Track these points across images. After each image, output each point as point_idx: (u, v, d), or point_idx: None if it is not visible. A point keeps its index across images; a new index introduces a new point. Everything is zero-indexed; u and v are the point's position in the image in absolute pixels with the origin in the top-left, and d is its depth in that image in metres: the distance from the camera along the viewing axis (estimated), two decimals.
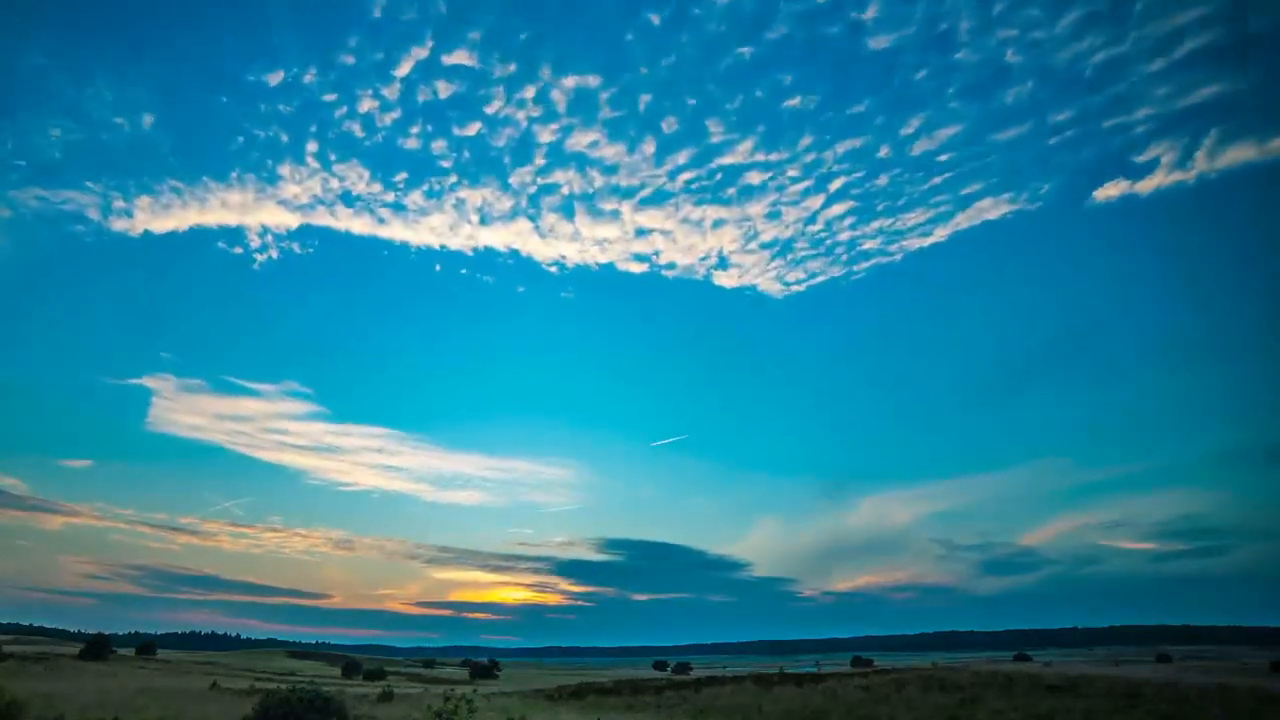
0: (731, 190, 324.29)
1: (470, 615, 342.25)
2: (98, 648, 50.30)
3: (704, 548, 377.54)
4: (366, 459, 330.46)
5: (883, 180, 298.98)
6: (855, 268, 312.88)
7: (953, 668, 38.96)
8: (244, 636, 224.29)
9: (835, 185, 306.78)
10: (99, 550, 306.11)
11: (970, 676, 31.25)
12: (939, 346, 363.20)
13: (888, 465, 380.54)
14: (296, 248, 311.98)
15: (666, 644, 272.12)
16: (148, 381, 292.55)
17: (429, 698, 26.64)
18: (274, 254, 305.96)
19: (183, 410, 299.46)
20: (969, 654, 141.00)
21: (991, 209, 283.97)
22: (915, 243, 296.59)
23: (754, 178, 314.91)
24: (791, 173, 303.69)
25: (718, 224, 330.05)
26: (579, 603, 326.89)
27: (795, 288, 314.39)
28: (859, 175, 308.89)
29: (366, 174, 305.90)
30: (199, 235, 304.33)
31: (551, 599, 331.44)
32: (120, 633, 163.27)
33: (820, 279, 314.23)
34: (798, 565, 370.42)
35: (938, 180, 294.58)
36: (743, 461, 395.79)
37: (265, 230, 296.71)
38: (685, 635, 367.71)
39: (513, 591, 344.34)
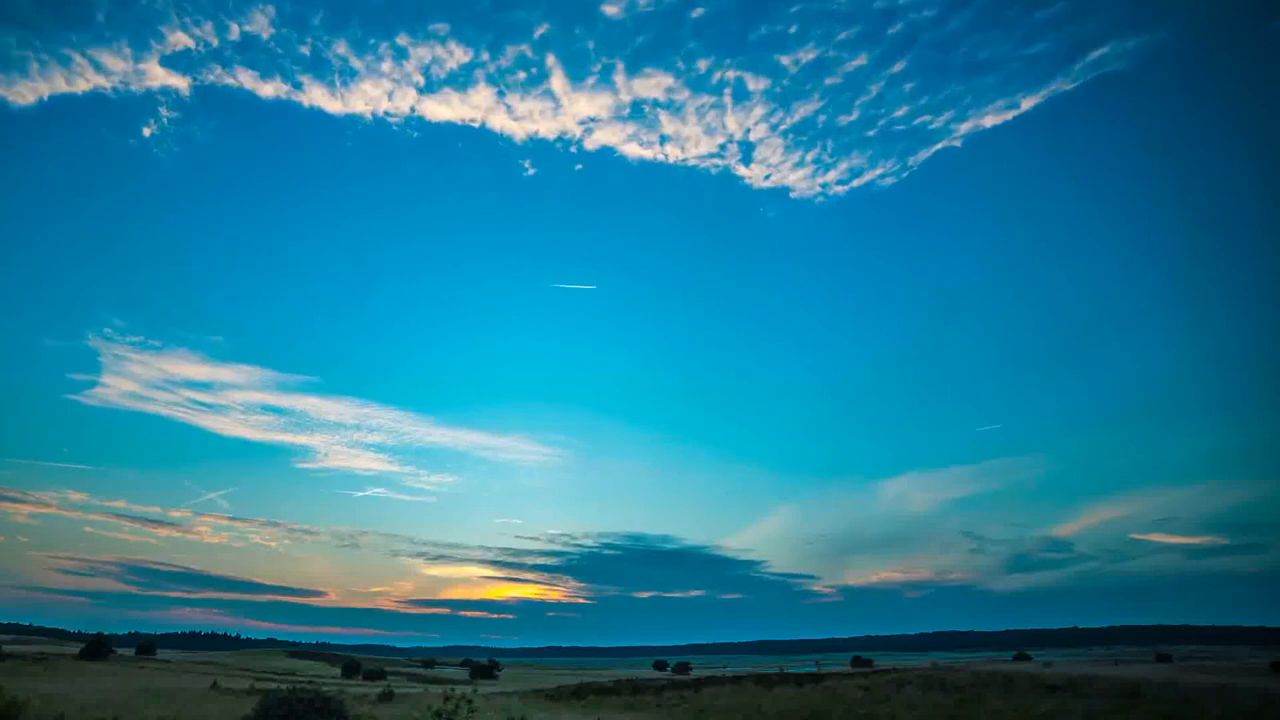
0: (759, 30, 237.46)
1: (466, 614, 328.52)
2: (97, 647, 50.25)
3: (711, 540, 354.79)
4: (343, 437, 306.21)
5: (961, 20, 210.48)
6: (910, 159, 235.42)
7: (953, 667, 39.00)
8: (242, 636, 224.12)
9: (896, 28, 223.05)
10: (73, 544, 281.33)
11: (970, 676, 31.28)
12: (990, 283, 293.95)
13: (916, 444, 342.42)
14: (198, 130, 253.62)
15: (669, 644, 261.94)
16: (93, 342, 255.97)
17: (429, 698, 26.63)
18: (174, 146, 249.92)
19: (133, 379, 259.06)
20: (976, 654, 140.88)
21: (1111, 58, 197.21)
22: (992, 118, 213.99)
23: (790, 22, 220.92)
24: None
25: (741, 97, 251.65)
26: (578, 599, 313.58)
27: (837, 189, 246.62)
28: (930, 13, 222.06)
29: (272, 10, 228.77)
30: (69, 109, 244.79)
31: (551, 595, 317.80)
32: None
33: (866, 176, 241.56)
34: (810, 559, 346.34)
35: (1040, 14, 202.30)
36: (754, 443, 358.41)
37: (154, 101, 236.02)
38: (690, 635, 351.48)
39: (509, 589, 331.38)
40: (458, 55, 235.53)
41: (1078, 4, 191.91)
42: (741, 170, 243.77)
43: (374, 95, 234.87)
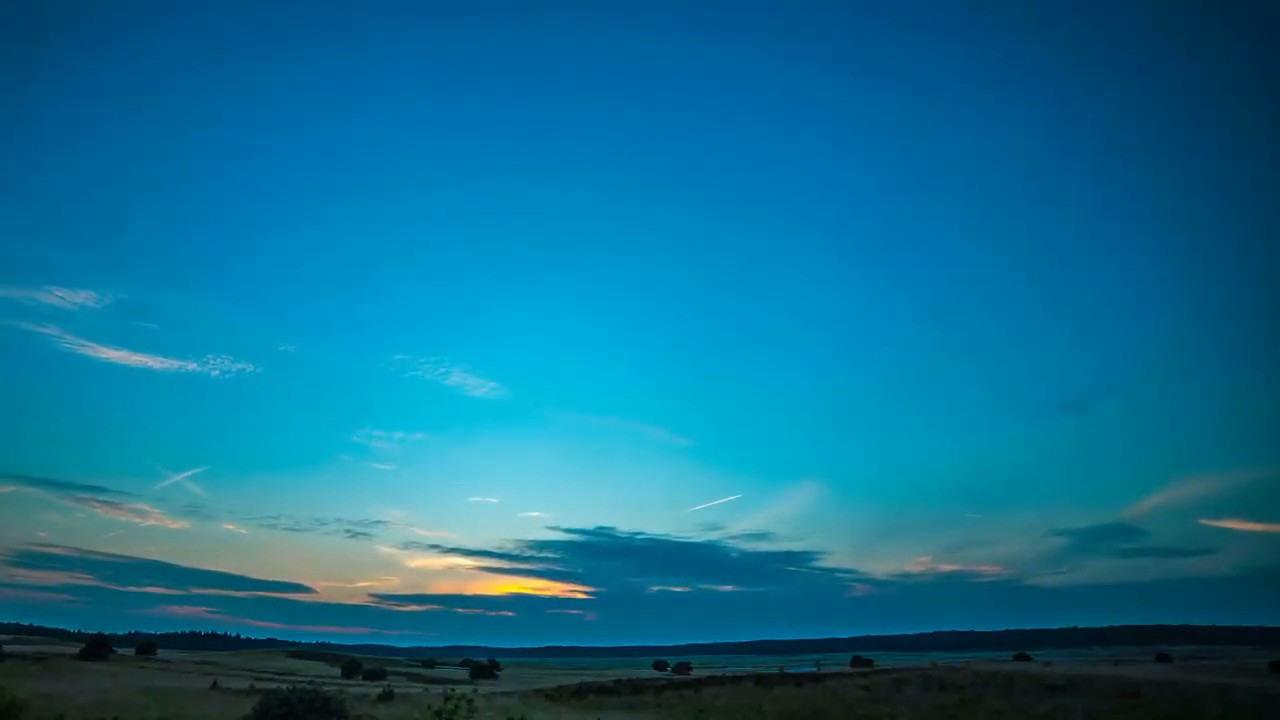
0: None
1: (461, 610, 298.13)
2: (98, 648, 50.27)
3: (724, 532, 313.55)
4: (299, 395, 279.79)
5: None
6: None
7: (953, 667, 39.02)
8: (241, 635, 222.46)
9: None
10: (30, 533, 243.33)
11: (970, 676, 31.30)
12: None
13: (968, 401, 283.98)
14: None
15: (675, 644, 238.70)
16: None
17: (429, 698, 26.63)
18: None
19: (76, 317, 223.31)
20: (976, 654, 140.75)
21: None
22: None
23: None
24: None
25: None
26: (578, 595, 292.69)
27: None
28: None
29: None
30: None
31: (551, 589, 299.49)
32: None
33: None
34: (837, 547, 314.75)
35: None
36: (769, 417, 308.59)
37: None
38: (700, 634, 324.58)
39: (506, 584, 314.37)
40: None
41: None
42: None
43: None
